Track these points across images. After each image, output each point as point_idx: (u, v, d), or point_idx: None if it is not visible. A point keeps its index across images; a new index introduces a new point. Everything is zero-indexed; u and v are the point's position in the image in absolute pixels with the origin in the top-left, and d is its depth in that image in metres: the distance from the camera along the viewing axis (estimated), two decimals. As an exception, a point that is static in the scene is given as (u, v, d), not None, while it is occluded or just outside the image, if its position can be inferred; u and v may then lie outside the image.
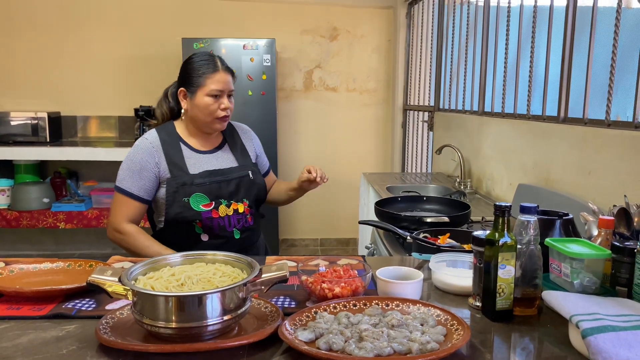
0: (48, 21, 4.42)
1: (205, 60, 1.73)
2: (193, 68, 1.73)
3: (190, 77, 1.73)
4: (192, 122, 1.78)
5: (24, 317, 1.07)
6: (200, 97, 1.71)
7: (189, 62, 1.76)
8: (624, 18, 1.80)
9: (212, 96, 1.71)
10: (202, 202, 1.70)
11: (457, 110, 3.40)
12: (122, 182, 1.70)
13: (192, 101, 1.73)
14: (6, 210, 4.07)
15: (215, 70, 1.72)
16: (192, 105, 1.73)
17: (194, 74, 1.72)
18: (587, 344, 0.86)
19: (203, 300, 0.92)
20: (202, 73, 1.71)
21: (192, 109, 1.74)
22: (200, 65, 1.72)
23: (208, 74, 1.71)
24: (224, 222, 1.74)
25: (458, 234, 1.69)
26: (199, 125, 1.77)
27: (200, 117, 1.73)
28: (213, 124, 1.75)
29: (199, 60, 1.74)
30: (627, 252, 1.10)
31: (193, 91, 1.72)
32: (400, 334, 0.94)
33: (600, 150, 1.80)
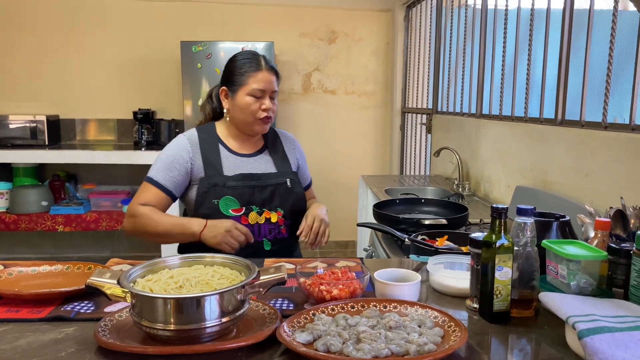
0: (47, 25, 4.43)
1: (248, 58, 1.69)
2: (235, 66, 1.69)
3: (232, 76, 1.68)
4: (233, 122, 1.74)
5: (22, 319, 1.07)
6: (241, 96, 1.67)
7: (232, 61, 1.72)
8: (621, 20, 1.81)
9: (253, 96, 1.66)
10: (232, 206, 1.65)
11: (455, 112, 3.41)
12: (150, 172, 1.67)
13: (233, 100, 1.69)
14: (5, 214, 4.06)
15: (258, 69, 1.67)
16: (233, 104, 1.69)
17: (236, 72, 1.68)
18: (584, 345, 0.87)
19: (201, 303, 0.92)
20: (244, 72, 1.66)
21: (233, 108, 1.70)
22: (243, 63, 1.68)
23: (250, 73, 1.66)
24: (252, 230, 1.65)
25: (456, 236, 1.69)
26: (240, 126, 1.72)
27: (240, 117, 1.69)
28: (254, 126, 1.70)
29: (242, 59, 1.69)
30: (623, 253, 1.11)
31: (234, 90, 1.68)
32: (398, 336, 0.94)
33: (597, 153, 1.81)
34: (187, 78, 4.11)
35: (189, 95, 4.15)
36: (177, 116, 4.52)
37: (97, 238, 4.63)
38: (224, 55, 4.10)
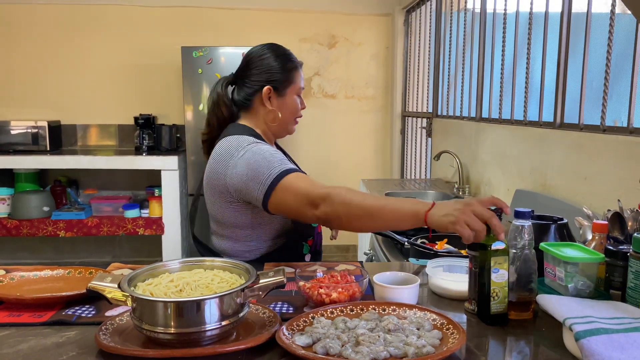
0: (48, 30, 4.45)
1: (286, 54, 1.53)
2: (282, 62, 1.51)
3: (280, 72, 1.51)
4: (273, 124, 1.54)
5: (24, 324, 1.08)
6: (291, 96, 1.52)
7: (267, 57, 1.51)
8: (618, 24, 1.82)
9: (298, 95, 1.55)
10: None
11: (454, 116, 3.42)
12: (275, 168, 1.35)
13: (282, 101, 1.52)
14: (6, 219, 4.08)
15: (298, 66, 1.54)
16: (282, 105, 1.52)
17: (284, 69, 1.51)
18: (580, 346, 0.87)
19: (201, 306, 0.93)
20: (291, 68, 1.52)
21: (281, 109, 1.52)
22: (287, 59, 1.52)
23: (296, 70, 1.52)
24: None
25: (456, 239, 1.70)
26: (279, 130, 1.56)
27: (288, 118, 1.54)
28: (292, 126, 1.57)
29: (280, 55, 1.52)
30: (620, 256, 1.12)
31: (283, 89, 1.51)
32: (397, 338, 0.95)
33: (595, 156, 1.81)
34: (187, 83, 4.13)
35: (190, 100, 4.17)
36: (178, 121, 4.54)
37: (98, 243, 4.64)
38: (225, 60, 4.12)
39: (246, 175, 1.37)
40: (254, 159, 1.38)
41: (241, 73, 1.56)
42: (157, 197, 4.21)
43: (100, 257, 4.67)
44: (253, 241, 1.50)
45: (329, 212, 1.26)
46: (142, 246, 4.66)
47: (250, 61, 1.54)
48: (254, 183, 1.36)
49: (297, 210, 1.33)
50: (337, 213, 1.26)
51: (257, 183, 1.36)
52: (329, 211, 1.26)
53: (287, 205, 1.34)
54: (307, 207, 1.30)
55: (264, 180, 1.35)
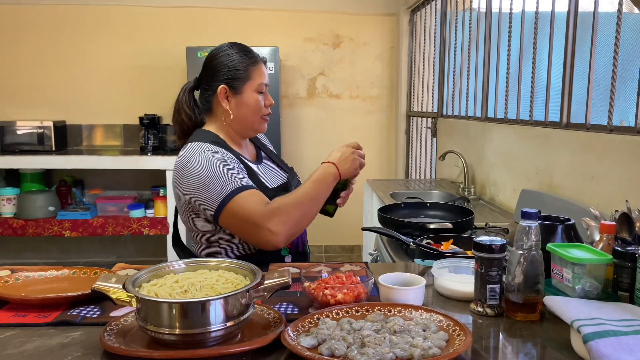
0: (54, 31, 4.47)
1: (243, 51, 1.50)
2: (234, 60, 1.48)
3: (233, 71, 1.47)
4: (234, 126, 1.52)
5: (29, 324, 1.08)
6: (248, 93, 1.48)
7: (222, 55, 1.49)
8: (625, 23, 1.81)
9: (259, 92, 1.50)
10: None
11: (460, 116, 3.41)
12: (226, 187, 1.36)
13: (239, 100, 1.48)
14: (12, 219, 4.09)
15: (257, 62, 1.50)
16: (239, 104, 1.49)
17: (237, 66, 1.47)
18: (589, 348, 0.87)
19: (206, 307, 0.93)
20: (247, 65, 1.48)
21: (238, 109, 1.49)
22: (241, 56, 1.48)
23: (252, 66, 1.48)
24: (305, 237, 1.62)
25: (461, 240, 1.69)
26: (243, 129, 1.53)
27: (249, 117, 1.50)
28: (260, 125, 1.54)
29: (237, 52, 1.49)
30: (628, 257, 1.11)
31: (238, 87, 1.48)
32: (403, 340, 0.94)
33: (602, 156, 1.80)
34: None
35: (195, 100, 4.16)
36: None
37: (103, 243, 4.65)
38: (229, 60, 4.12)
39: (197, 189, 1.39)
40: (204, 172, 1.38)
41: (201, 76, 1.55)
42: (162, 197, 4.22)
43: (105, 257, 4.68)
44: (223, 245, 1.51)
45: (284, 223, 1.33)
46: (147, 246, 4.67)
47: (207, 63, 1.52)
48: (204, 198, 1.38)
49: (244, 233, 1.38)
50: (293, 221, 1.35)
51: (207, 199, 1.38)
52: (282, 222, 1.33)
53: (234, 227, 1.39)
54: (253, 230, 1.35)
55: (215, 197, 1.37)
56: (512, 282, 1.12)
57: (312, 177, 1.43)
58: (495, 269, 1.12)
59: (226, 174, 1.38)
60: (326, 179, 1.42)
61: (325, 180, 1.41)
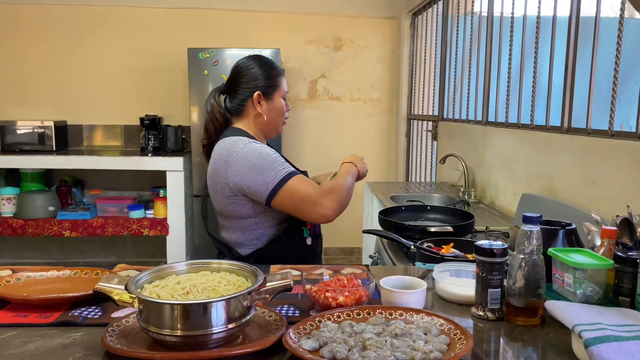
0: (55, 31, 4.47)
1: (269, 62, 1.72)
2: (268, 69, 1.70)
3: (267, 79, 1.69)
4: (262, 126, 1.72)
5: (31, 324, 1.08)
6: (277, 99, 1.71)
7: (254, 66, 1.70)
8: (627, 28, 1.81)
9: (284, 98, 1.74)
10: None
11: (461, 119, 3.41)
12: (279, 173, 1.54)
13: (271, 104, 1.70)
14: (12, 219, 4.09)
15: (281, 72, 1.74)
16: (271, 108, 1.71)
17: (269, 75, 1.70)
18: (590, 353, 0.87)
19: (208, 309, 0.93)
20: (277, 75, 1.71)
21: (269, 112, 1.71)
22: (272, 67, 1.71)
23: (280, 76, 1.72)
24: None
25: (462, 243, 1.69)
26: (268, 130, 1.74)
27: (276, 120, 1.73)
28: (281, 127, 1.78)
29: (267, 62, 1.72)
30: (629, 262, 1.11)
31: (270, 93, 1.70)
32: (404, 343, 0.94)
33: (603, 161, 1.80)
34: (193, 84, 4.14)
35: (196, 101, 4.17)
36: (183, 122, 4.55)
37: (103, 243, 4.65)
38: (231, 62, 4.12)
39: (248, 174, 1.55)
40: (255, 159, 1.56)
41: (231, 83, 1.73)
42: (162, 197, 4.22)
43: (105, 257, 4.67)
44: (260, 229, 1.66)
45: (336, 200, 1.56)
46: (147, 247, 4.67)
47: (239, 72, 1.72)
48: (257, 182, 1.55)
49: (300, 211, 1.57)
50: (342, 200, 1.59)
51: (261, 183, 1.54)
52: (335, 199, 1.56)
53: (290, 206, 1.57)
54: (311, 207, 1.55)
55: (270, 181, 1.54)
56: (513, 287, 1.12)
57: (342, 170, 1.71)
58: (497, 273, 1.12)
59: (276, 160, 1.57)
60: (353, 171, 1.72)
61: (353, 173, 1.71)
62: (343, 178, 1.65)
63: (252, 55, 1.75)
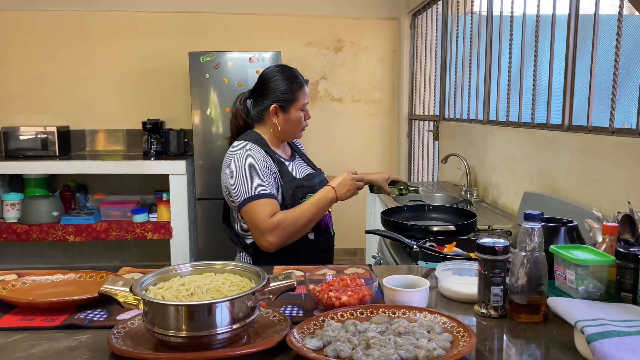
0: (57, 37, 4.49)
1: (293, 75, 1.80)
2: (285, 84, 1.78)
3: (284, 93, 1.78)
4: (278, 134, 1.83)
5: (37, 327, 1.09)
6: (294, 112, 1.79)
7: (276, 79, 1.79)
8: (626, 25, 1.81)
9: (302, 110, 1.81)
10: None
11: (462, 119, 3.41)
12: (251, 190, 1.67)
13: (287, 117, 1.79)
14: (16, 224, 4.11)
15: (303, 85, 1.81)
16: (286, 120, 1.80)
17: (287, 90, 1.78)
18: (592, 349, 0.87)
19: (212, 309, 0.94)
20: (295, 89, 1.78)
21: (285, 124, 1.80)
22: (291, 81, 1.79)
23: (299, 90, 1.79)
24: (327, 219, 1.86)
25: (464, 242, 1.70)
26: (284, 137, 1.85)
27: (292, 130, 1.82)
28: (298, 133, 1.87)
29: (288, 76, 1.79)
30: (631, 258, 1.11)
31: (287, 107, 1.78)
32: (407, 341, 0.95)
33: (604, 158, 1.81)
34: (195, 88, 4.15)
35: (198, 105, 4.19)
36: (185, 126, 4.56)
37: (107, 247, 4.67)
38: (232, 65, 4.14)
39: (234, 179, 1.71)
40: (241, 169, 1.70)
41: (256, 91, 1.85)
42: (165, 201, 4.23)
43: (109, 261, 4.69)
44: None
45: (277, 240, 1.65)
46: (151, 250, 4.68)
47: (263, 82, 1.82)
48: (236, 189, 1.71)
49: (251, 231, 1.71)
50: (287, 236, 1.67)
51: (238, 191, 1.70)
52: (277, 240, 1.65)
53: (247, 223, 1.72)
54: (256, 234, 1.68)
55: (243, 193, 1.68)
56: (515, 284, 1.12)
57: (313, 199, 1.73)
58: (499, 271, 1.13)
59: (256, 177, 1.68)
60: (324, 202, 1.73)
61: (323, 203, 1.73)
62: (305, 210, 1.70)
63: (278, 66, 1.83)
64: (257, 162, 1.71)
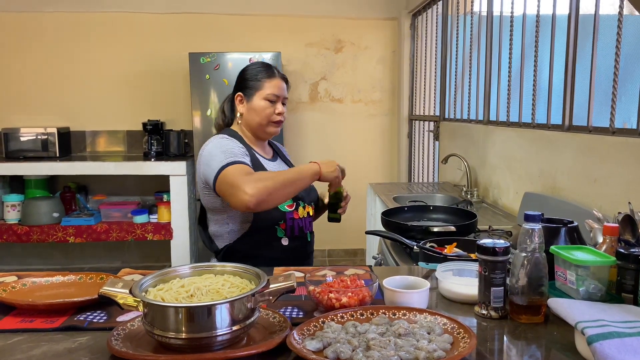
0: (57, 38, 4.49)
1: (263, 67, 1.80)
2: (251, 73, 1.79)
3: (247, 81, 1.78)
4: (247, 127, 1.81)
5: (37, 329, 1.09)
6: (257, 100, 1.76)
7: (246, 69, 1.82)
8: (626, 25, 1.81)
9: (268, 100, 1.76)
10: (287, 202, 1.74)
11: (462, 119, 3.41)
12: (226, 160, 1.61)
13: (249, 104, 1.78)
14: (17, 225, 4.11)
15: (272, 76, 1.78)
16: (249, 108, 1.78)
17: (252, 78, 1.78)
18: (593, 350, 0.87)
19: (212, 311, 0.93)
20: (260, 77, 1.77)
21: (248, 112, 1.78)
22: (259, 71, 1.78)
23: (266, 79, 1.77)
24: (302, 224, 1.80)
25: (465, 243, 1.70)
26: (255, 130, 1.81)
27: (256, 120, 1.77)
28: (268, 128, 1.80)
29: (256, 67, 1.80)
30: (632, 258, 1.11)
31: (250, 94, 1.77)
32: (407, 343, 0.95)
33: (605, 158, 1.80)
34: (195, 89, 4.15)
35: (198, 106, 4.19)
36: (186, 127, 4.56)
37: (107, 248, 4.66)
38: (232, 66, 4.14)
39: (206, 162, 1.67)
40: (213, 149, 1.67)
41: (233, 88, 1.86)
42: (165, 202, 4.23)
43: (109, 262, 4.68)
44: (230, 224, 1.75)
45: (259, 189, 1.51)
46: (151, 251, 4.68)
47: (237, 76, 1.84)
48: (209, 169, 1.65)
49: (227, 196, 1.59)
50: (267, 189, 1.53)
51: (212, 169, 1.63)
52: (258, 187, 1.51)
53: (223, 192, 1.61)
54: (234, 192, 1.54)
55: (215, 167, 1.62)
56: (516, 285, 1.12)
57: (297, 167, 1.71)
58: (499, 272, 1.13)
59: (228, 151, 1.65)
60: (307, 171, 1.64)
61: (306, 171, 1.64)
62: (287, 172, 1.66)
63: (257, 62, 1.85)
64: (231, 142, 1.70)
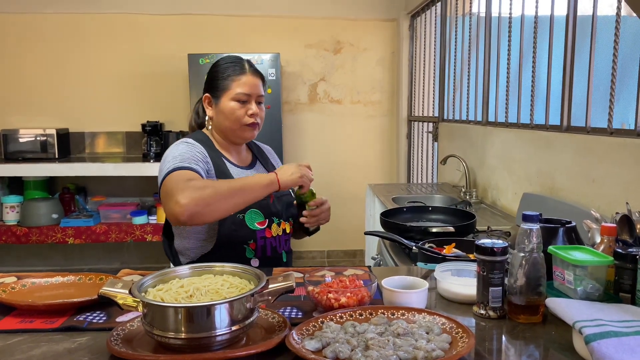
0: (56, 39, 4.49)
1: (231, 62, 1.60)
2: (218, 71, 1.60)
3: (215, 81, 1.59)
4: (218, 131, 1.63)
5: (36, 330, 1.09)
6: (225, 102, 1.57)
7: (214, 66, 1.63)
8: (624, 26, 1.82)
9: (238, 101, 1.57)
10: (257, 219, 1.57)
11: (461, 120, 3.42)
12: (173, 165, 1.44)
13: (217, 107, 1.59)
14: (16, 226, 4.11)
15: (242, 73, 1.58)
16: (217, 111, 1.60)
17: (219, 77, 1.59)
18: (591, 349, 0.87)
19: (211, 311, 0.94)
20: (227, 76, 1.57)
21: (217, 115, 1.60)
22: (226, 67, 1.59)
23: (234, 77, 1.57)
24: (276, 243, 1.62)
25: (463, 243, 1.70)
26: (227, 134, 1.62)
27: (225, 124, 1.59)
28: (242, 132, 1.60)
29: (224, 63, 1.61)
30: (629, 258, 1.11)
31: (218, 96, 1.59)
32: (406, 342, 0.95)
33: (603, 158, 1.81)
34: (194, 90, 4.15)
35: (197, 107, 4.18)
36: (185, 128, 4.54)
37: (107, 250, 4.66)
38: (231, 67, 4.13)
39: (159, 169, 1.51)
40: (167, 155, 1.51)
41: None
42: (164, 203, 4.22)
43: (108, 263, 4.68)
44: (192, 239, 1.59)
45: (192, 199, 1.32)
46: (150, 252, 4.68)
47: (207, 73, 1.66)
48: (159, 175, 1.49)
49: (163, 205, 1.41)
50: (203, 200, 1.33)
51: (160, 176, 1.48)
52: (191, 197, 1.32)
53: (162, 200, 1.43)
54: (168, 200, 1.37)
55: (161, 174, 1.46)
56: (514, 285, 1.13)
57: (250, 176, 1.53)
58: (498, 272, 1.13)
59: (179, 155, 1.48)
60: (259, 180, 1.45)
61: (258, 180, 1.45)
62: (235, 180, 1.47)
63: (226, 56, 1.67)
64: (188, 147, 1.52)
